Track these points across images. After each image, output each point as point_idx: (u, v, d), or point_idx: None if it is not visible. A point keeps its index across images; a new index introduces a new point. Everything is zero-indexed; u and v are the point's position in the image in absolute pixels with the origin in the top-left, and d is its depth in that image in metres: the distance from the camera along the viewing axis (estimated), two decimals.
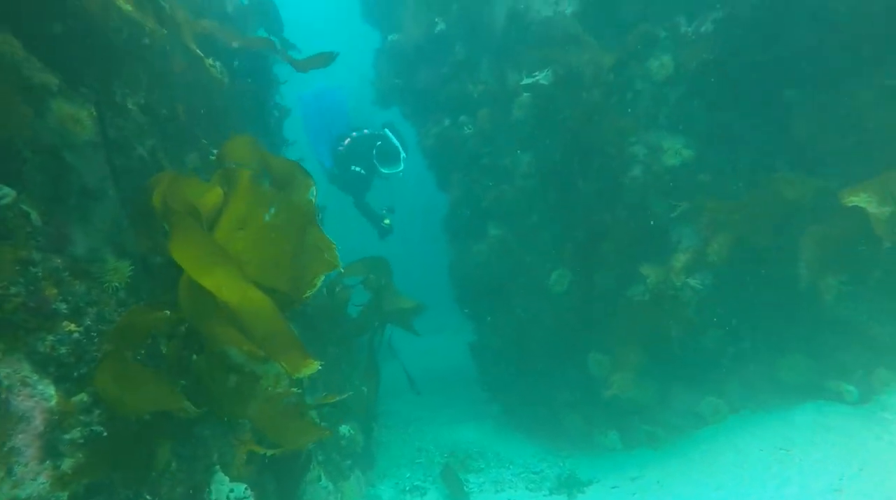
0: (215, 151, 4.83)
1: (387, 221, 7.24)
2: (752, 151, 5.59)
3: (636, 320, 5.64)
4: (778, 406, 4.95)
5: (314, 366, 2.55)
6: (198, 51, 3.98)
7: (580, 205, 6.11)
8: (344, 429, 5.39)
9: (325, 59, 4.96)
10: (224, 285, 2.54)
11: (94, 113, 3.38)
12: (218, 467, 3.12)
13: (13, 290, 2.20)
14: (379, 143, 7.23)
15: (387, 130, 7.42)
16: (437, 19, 7.38)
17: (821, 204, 5.02)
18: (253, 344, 2.59)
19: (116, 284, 2.87)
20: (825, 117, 5.24)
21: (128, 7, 3.55)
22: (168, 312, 2.57)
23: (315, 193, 3.52)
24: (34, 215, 2.55)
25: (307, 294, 2.89)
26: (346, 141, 7.71)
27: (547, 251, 6.33)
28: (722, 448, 4.64)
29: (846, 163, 5.07)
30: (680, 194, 5.62)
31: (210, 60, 4.09)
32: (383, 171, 7.22)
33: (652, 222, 5.72)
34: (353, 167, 7.36)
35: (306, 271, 3.11)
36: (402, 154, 7.23)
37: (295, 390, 2.96)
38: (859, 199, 4.64)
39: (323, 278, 2.98)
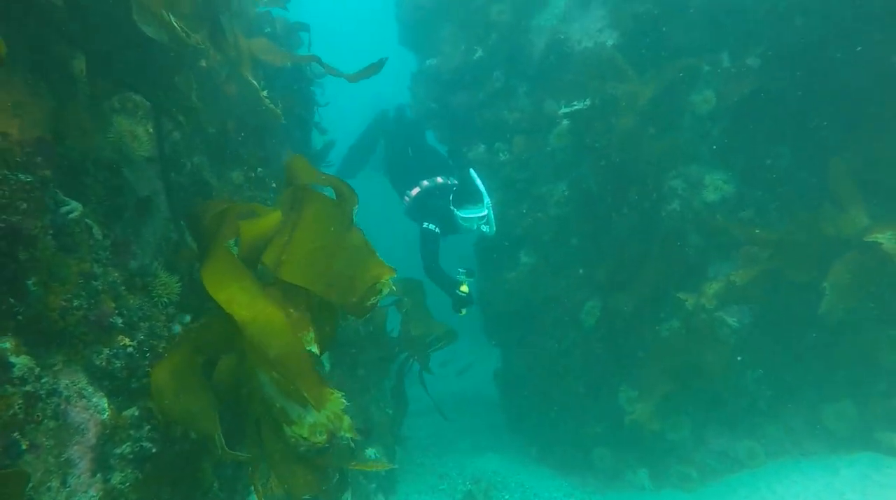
0: (259, 169, 4.93)
1: (464, 289, 5.23)
2: (796, 188, 5.50)
3: (668, 353, 5.54)
4: (824, 455, 4.77)
5: (337, 400, 2.40)
6: (254, 81, 4.07)
7: (615, 236, 6.06)
8: (370, 452, 5.34)
9: (374, 69, 4.90)
10: (237, 299, 2.47)
11: (151, 129, 3.47)
12: (252, 488, 3.10)
13: (76, 302, 2.23)
14: (455, 187, 5.64)
15: (471, 170, 5.72)
16: (475, 46, 7.48)
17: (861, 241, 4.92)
18: (271, 367, 2.47)
19: (166, 299, 2.90)
20: (871, 155, 5.16)
21: (187, 30, 3.63)
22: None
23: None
24: (96, 229, 2.59)
25: (372, 301, 2.74)
26: (415, 191, 6.17)
27: (580, 282, 6.27)
28: (764, 496, 4.47)
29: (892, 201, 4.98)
30: (719, 229, 5.54)
31: (265, 92, 4.16)
32: (460, 215, 5.48)
33: (689, 257, 5.65)
34: (424, 224, 5.65)
35: (357, 277, 2.91)
36: (487, 199, 5.50)
37: (325, 444, 2.65)
38: (883, 236, 4.62)
39: (389, 284, 2.80)
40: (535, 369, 6.63)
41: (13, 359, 1.90)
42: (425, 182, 6.24)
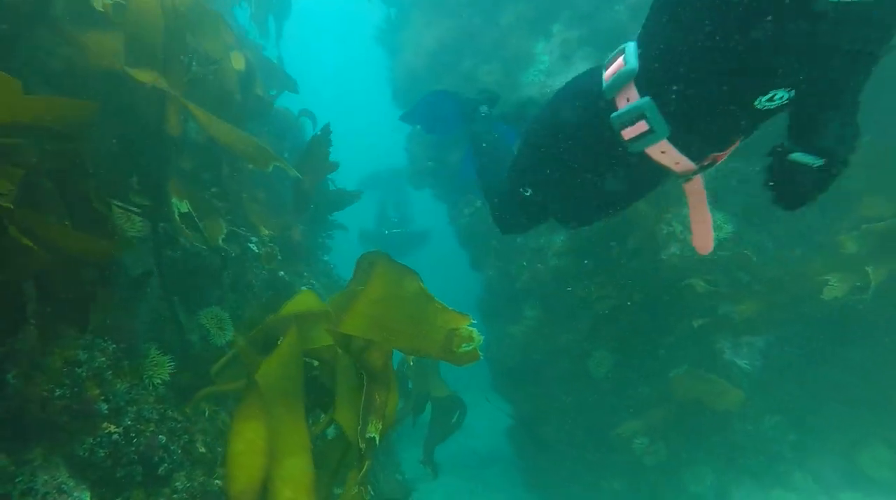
0: (254, 239, 5.00)
1: None
2: (791, 225, 5.47)
3: (675, 395, 5.43)
4: None
5: None
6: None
7: (617, 283, 5.99)
8: None
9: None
10: (241, 432, 2.42)
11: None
12: None
13: (58, 392, 2.20)
14: None
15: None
16: None
17: None
18: None
19: (158, 380, 2.87)
20: None
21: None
22: None
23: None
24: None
25: (465, 347, 2.56)
26: None
27: (585, 332, 6.16)
28: None
29: None
30: (721, 271, 5.48)
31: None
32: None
33: (694, 299, 5.56)
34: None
35: (423, 321, 2.69)
36: None
37: None
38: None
39: (473, 330, 2.63)
40: (547, 424, 6.45)
41: None
42: None
